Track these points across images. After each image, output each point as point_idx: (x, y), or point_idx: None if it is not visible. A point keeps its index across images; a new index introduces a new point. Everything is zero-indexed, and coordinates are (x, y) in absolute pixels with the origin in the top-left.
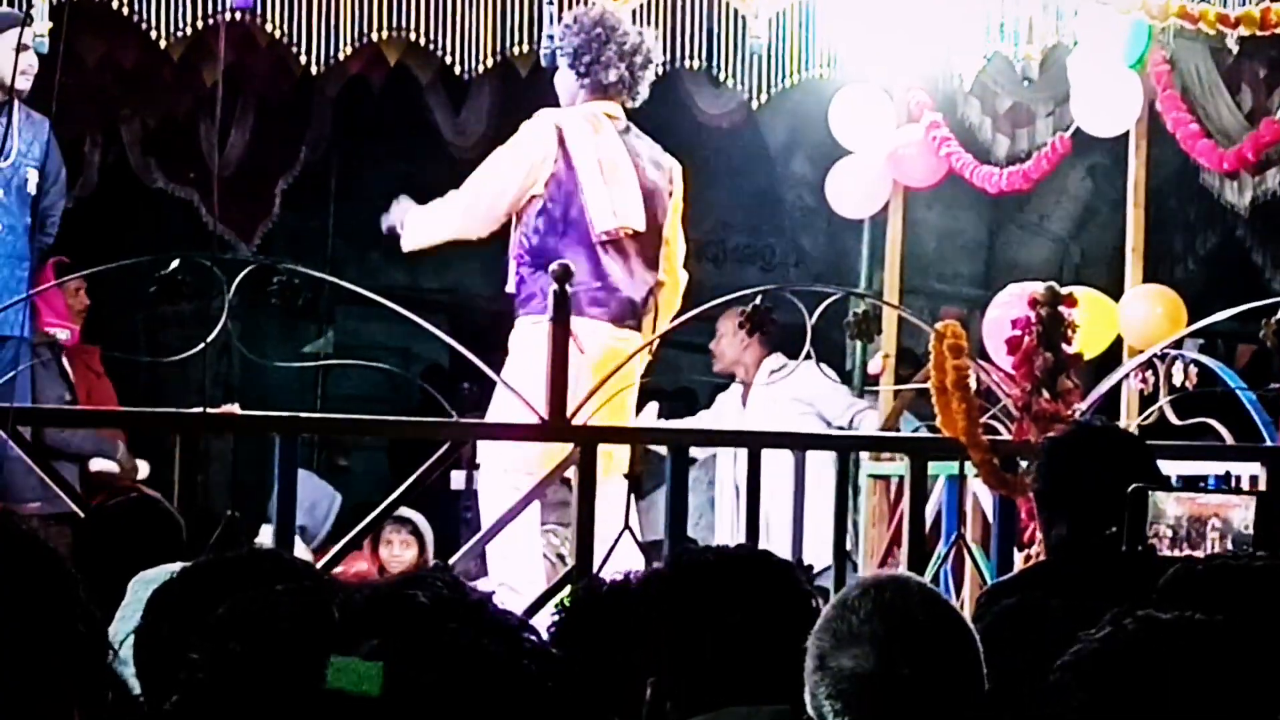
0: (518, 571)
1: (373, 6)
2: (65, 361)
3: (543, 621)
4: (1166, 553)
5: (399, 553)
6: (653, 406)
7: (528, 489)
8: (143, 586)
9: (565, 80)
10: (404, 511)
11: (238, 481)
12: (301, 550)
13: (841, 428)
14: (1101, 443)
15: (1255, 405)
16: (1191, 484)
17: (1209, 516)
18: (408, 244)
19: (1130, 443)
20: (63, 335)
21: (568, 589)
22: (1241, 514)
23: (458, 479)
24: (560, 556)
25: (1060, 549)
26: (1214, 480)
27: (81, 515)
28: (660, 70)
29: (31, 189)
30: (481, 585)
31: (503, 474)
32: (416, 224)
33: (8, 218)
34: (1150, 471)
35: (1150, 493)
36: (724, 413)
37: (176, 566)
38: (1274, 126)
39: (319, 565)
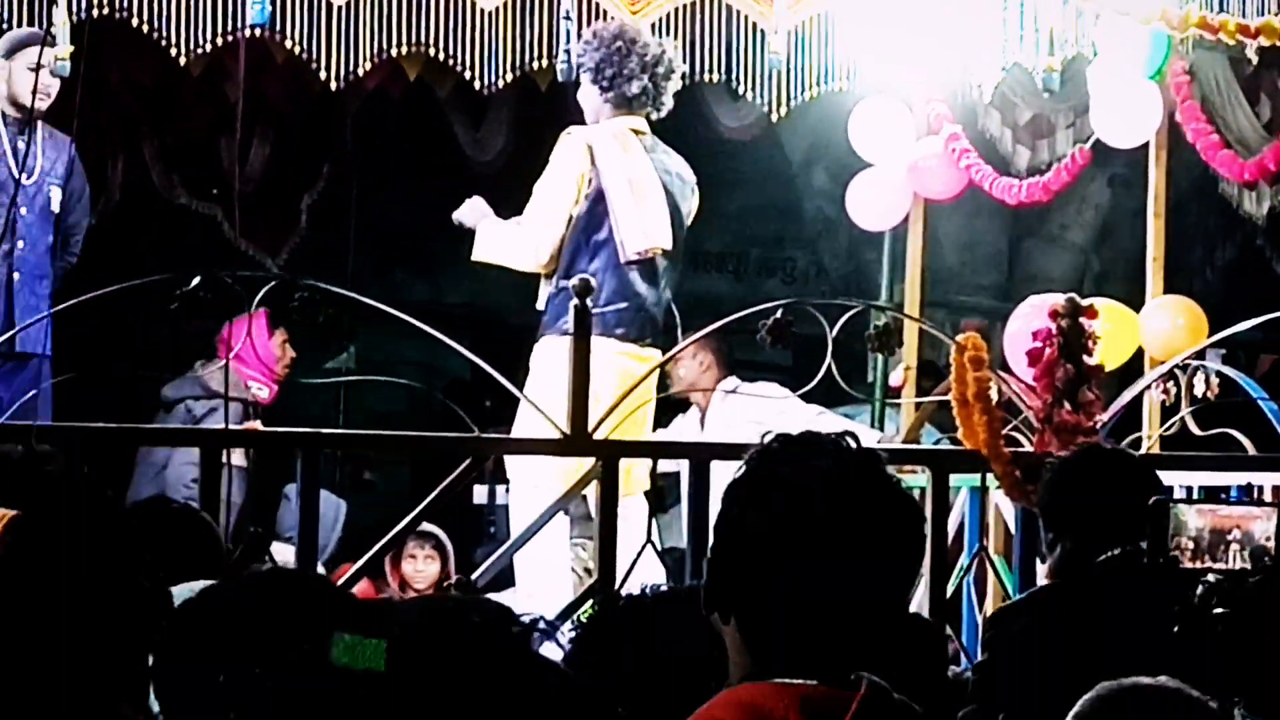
0: (545, 583)
1: (392, 22)
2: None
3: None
4: (1188, 565)
5: (422, 567)
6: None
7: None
8: None
9: (589, 95)
10: (426, 526)
11: (254, 496)
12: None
13: None
14: (1108, 465)
15: (1277, 415)
16: (1213, 495)
17: (1230, 528)
18: (478, 256)
19: (1137, 465)
20: (262, 394)
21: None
22: (1263, 525)
23: (480, 493)
24: (588, 570)
25: (1065, 569)
26: (1236, 491)
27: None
28: (680, 83)
29: (55, 207)
30: (509, 595)
31: (533, 489)
32: (489, 242)
33: (31, 236)
34: (1157, 494)
35: (1172, 505)
36: (682, 436)
37: (198, 585)
38: None
39: (340, 581)
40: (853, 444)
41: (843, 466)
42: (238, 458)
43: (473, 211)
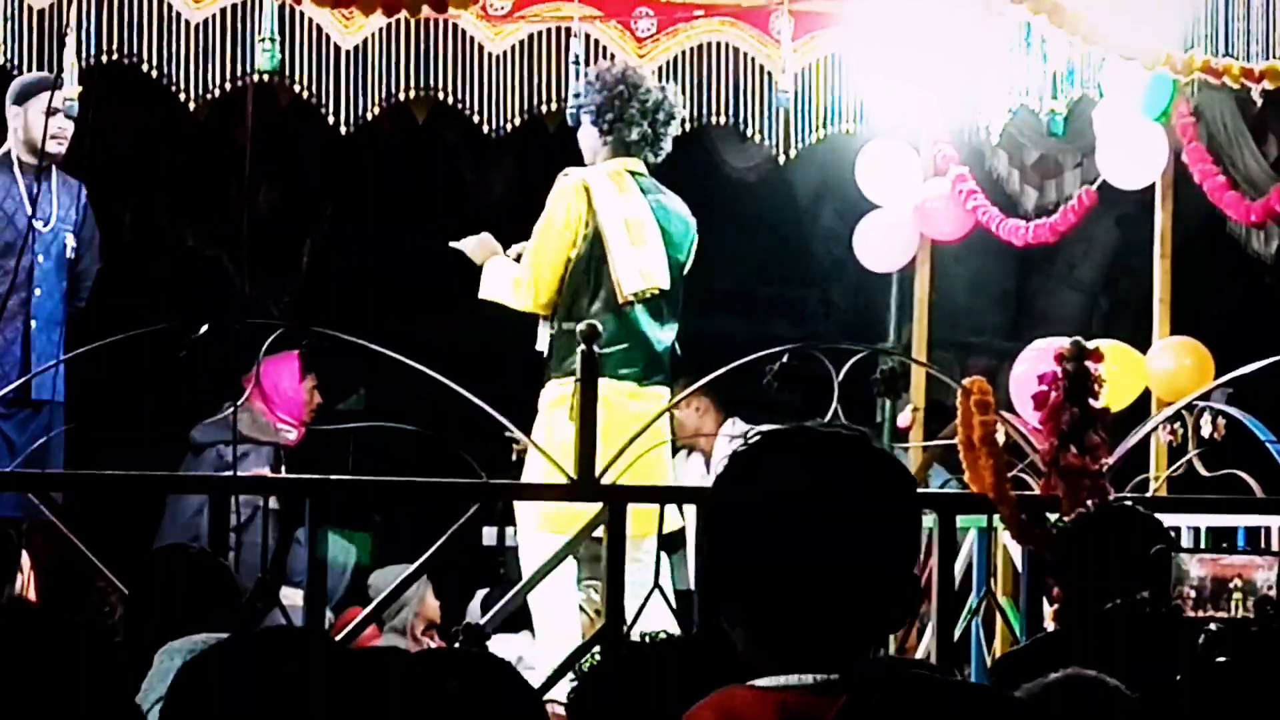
0: (555, 626)
1: (399, 66)
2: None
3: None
4: (1190, 614)
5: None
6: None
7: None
8: (169, 657)
9: (588, 136)
10: None
11: (266, 542)
12: None
13: None
14: (1118, 522)
15: None
16: (1220, 537)
17: (1231, 577)
18: (484, 294)
19: (1147, 522)
20: (290, 436)
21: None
22: (1265, 575)
23: (489, 535)
24: (598, 612)
25: (1071, 616)
26: (1243, 533)
27: None
28: (687, 126)
29: (70, 254)
30: (519, 639)
31: (541, 533)
32: (492, 280)
33: (48, 283)
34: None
35: (1173, 554)
36: (686, 481)
37: (201, 638)
38: None
39: (347, 628)
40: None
41: (827, 440)
42: (272, 500)
43: (480, 248)
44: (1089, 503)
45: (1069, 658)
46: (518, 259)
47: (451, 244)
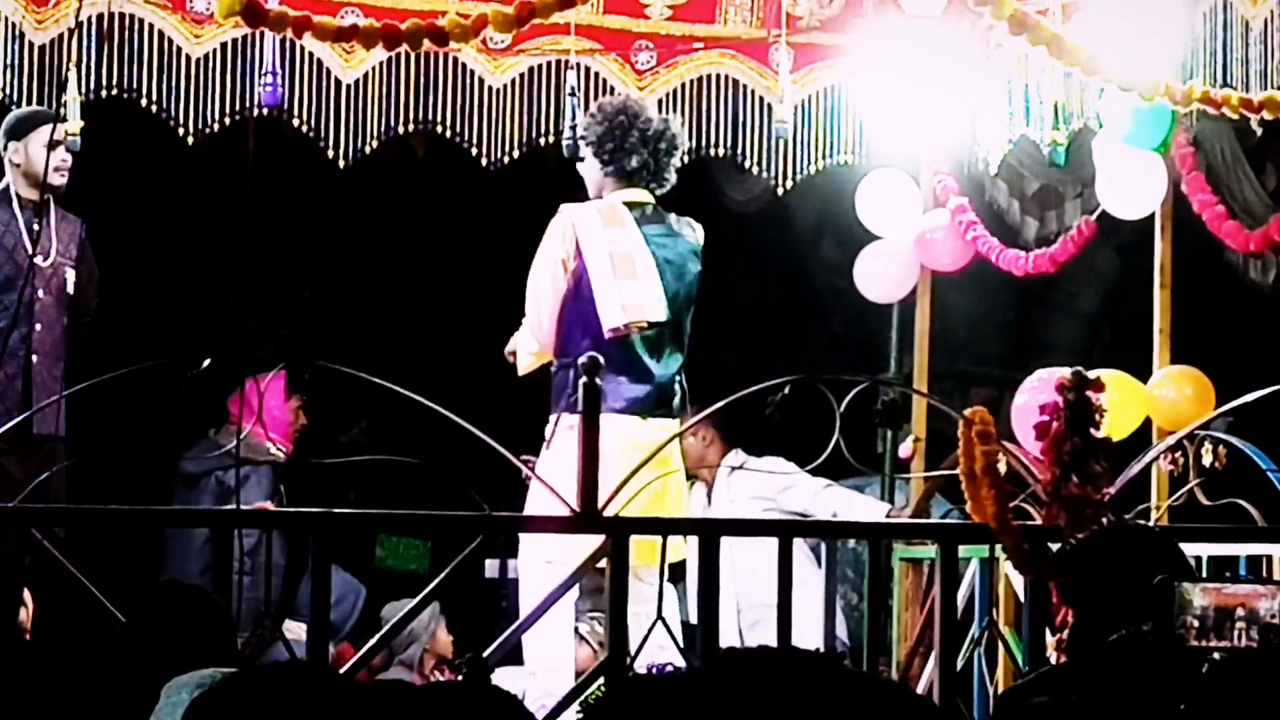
0: (549, 660)
1: (399, 100)
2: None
3: None
4: (1194, 644)
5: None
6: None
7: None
8: (175, 692)
9: (590, 169)
10: None
11: (270, 571)
12: None
13: (803, 514)
14: (1129, 541)
15: None
16: (1223, 565)
17: (1235, 606)
18: (522, 370)
19: (1159, 542)
20: (279, 454)
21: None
22: (1268, 604)
23: (491, 567)
24: (602, 644)
25: (1079, 646)
26: (1244, 561)
27: None
28: (687, 157)
29: (70, 289)
30: (515, 672)
31: (545, 565)
32: (519, 350)
33: (48, 319)
34: (1179, 569)
35: (1176, 584)
36: (690, 513)
37: (209, 673)
38: None
39: (352, 660)
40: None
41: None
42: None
43: (513, 343)
44: (1103, 520)
45: (1072, 687)
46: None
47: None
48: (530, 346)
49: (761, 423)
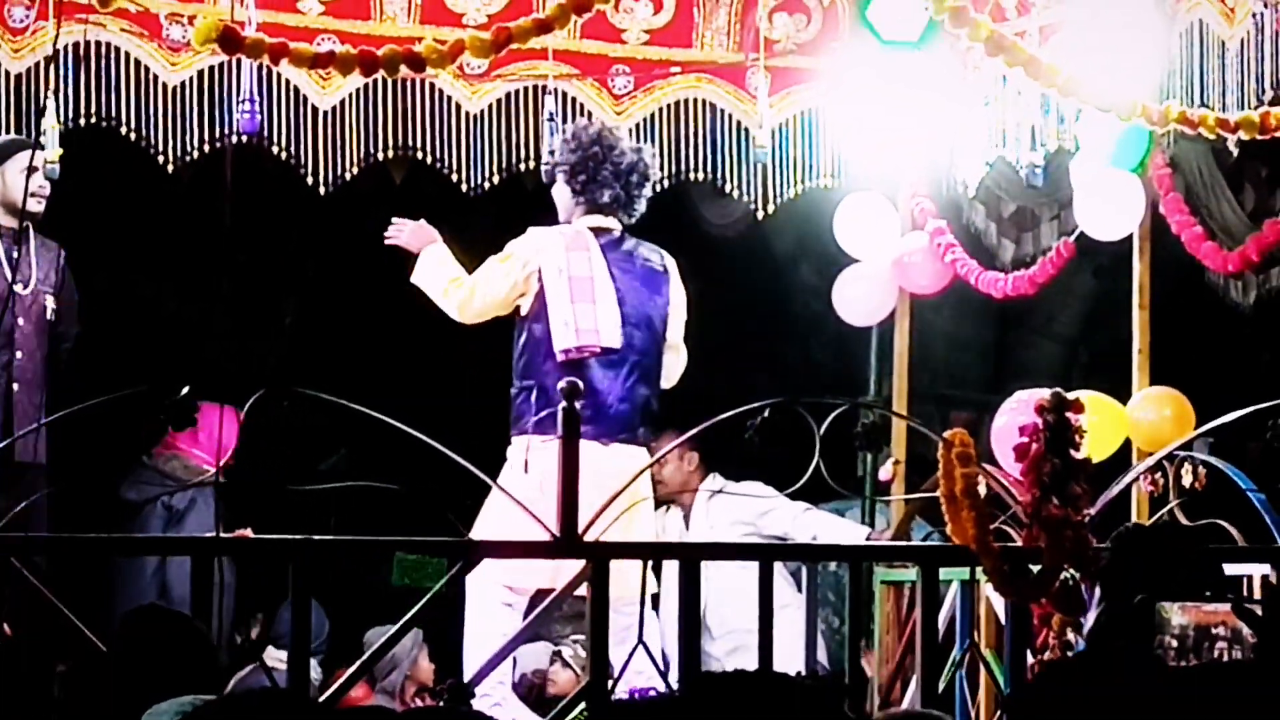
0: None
1: (377, 126)
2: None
3: None
4: (1173, 664)
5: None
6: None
7: (510, 600)
8: (155, 719)
9: (562, 195)
10: None
11: (240, 604)
12: None
13: (782, 538)
14: (1163, 540)
15: (1265, 505)
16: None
17: (1215, 624)
18: (415, 278)
19: (1191, 541)
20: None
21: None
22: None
23: None
24: (584, 668)
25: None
26: None
27: None
28: (666, 182)
29: (50, 316)
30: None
31: (491, 585)
32: (428, 268)
33: (29, 347)
34: (1209, 571)
35: (1156, 604)
36: (665, 534)
37: (188, 699)
38: (1277, 226)
39: (334, 687)
40: None
41: None
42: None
43: (415, 235)
44: (1091, 539)
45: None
46: None
47: (387, 240)
48: (451, 297)
49: (741, 447)
